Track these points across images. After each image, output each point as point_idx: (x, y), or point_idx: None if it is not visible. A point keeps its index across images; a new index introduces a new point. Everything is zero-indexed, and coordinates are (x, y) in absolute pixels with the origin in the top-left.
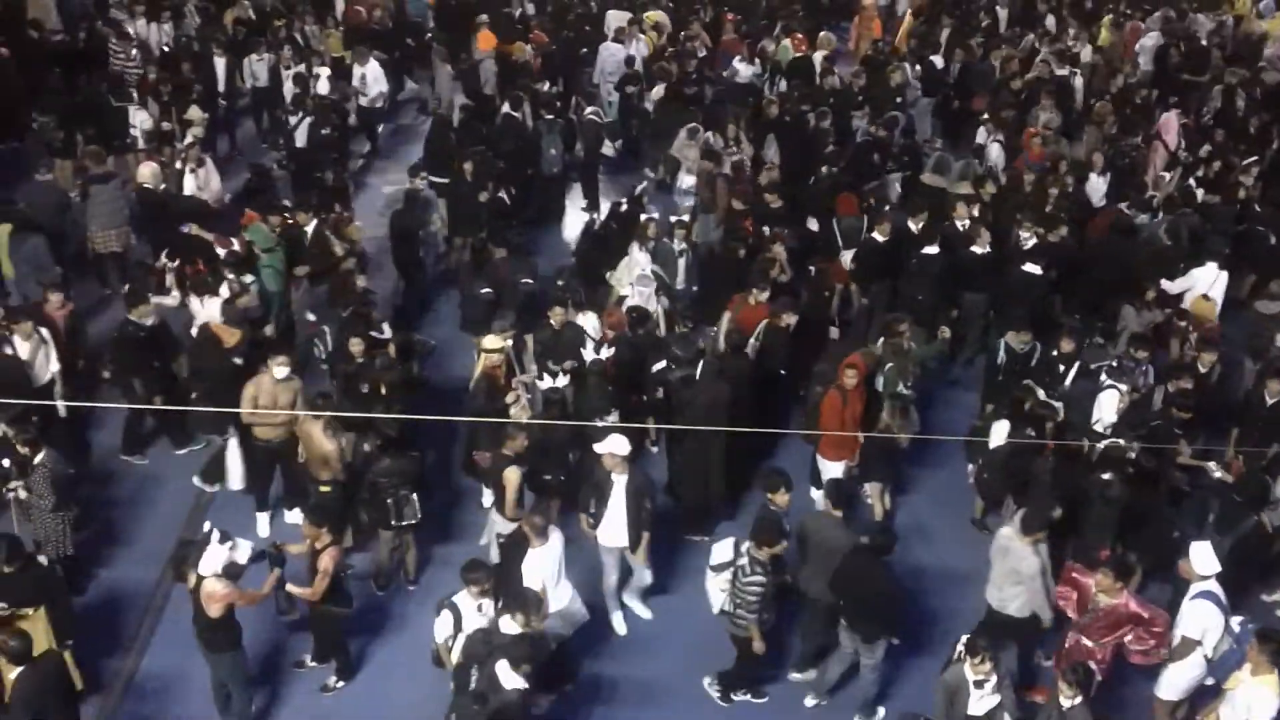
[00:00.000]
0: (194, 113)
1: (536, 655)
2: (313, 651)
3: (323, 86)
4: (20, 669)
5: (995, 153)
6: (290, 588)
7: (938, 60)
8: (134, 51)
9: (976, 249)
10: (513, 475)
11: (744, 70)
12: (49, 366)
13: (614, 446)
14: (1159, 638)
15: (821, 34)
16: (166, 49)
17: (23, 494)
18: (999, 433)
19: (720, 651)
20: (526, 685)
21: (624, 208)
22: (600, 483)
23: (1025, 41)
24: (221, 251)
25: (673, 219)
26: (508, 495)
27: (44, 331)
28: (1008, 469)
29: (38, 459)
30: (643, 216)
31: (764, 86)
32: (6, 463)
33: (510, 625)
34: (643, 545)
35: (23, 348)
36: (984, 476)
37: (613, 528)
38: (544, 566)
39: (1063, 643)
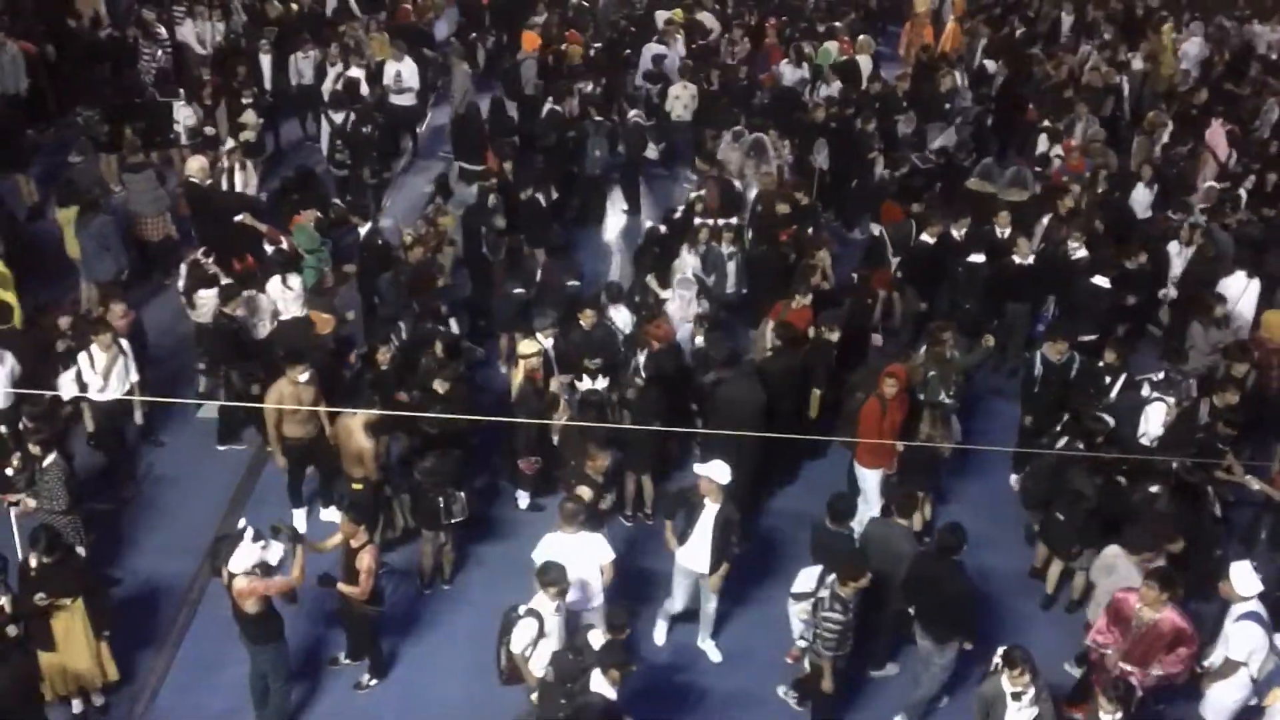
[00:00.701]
0: (249, 117)
1: (630, 665)
2: (346, 649)
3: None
4: None
5: (1060, 165)
6: (341, 586)
7: (990, 64)
8: (160, 53)
9: (1017, 258)
10: (585, 493)
11: (789, 74)
12: (127, 378)
13: (714, 472)
14: (1189, 658)
15: (861, 37)
16: (219, 47)
17: (31, 502)
18: (1061, 444)
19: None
20: (614, 696)
21: (679, 214)
22: (692, 503)
23: (1082, 52)
24: (269, 248)
25: (721, 223)
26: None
27: (124, 344)
28: (1052, 479)
29: (47, 461)
30: (696, 220)
31: (805, 90)
32: (10, 471)
33: (600, 641)
34: (718, 575)
35: (100, 358)
36: (1028, 485)
37: (694, 551)
38: (557, 553)
39: (1101, 667)
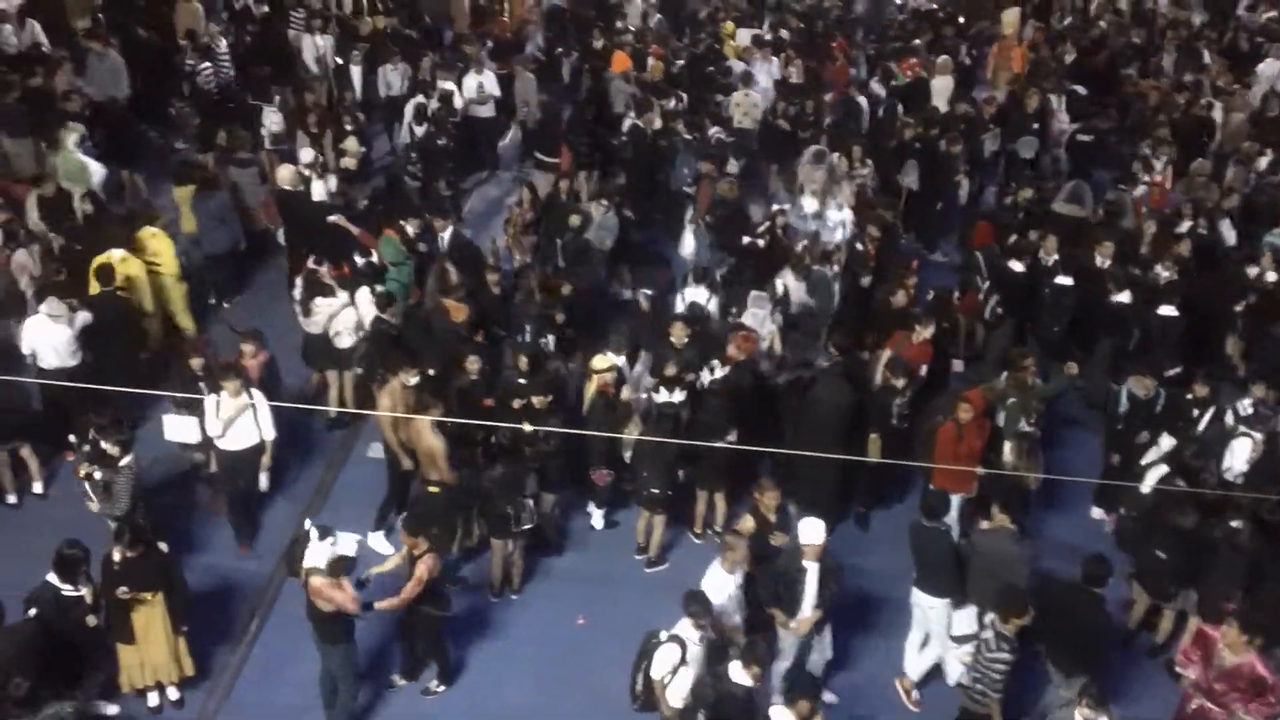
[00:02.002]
0: (350, 144)
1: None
2: (403, 666)
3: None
4: None
5: (1140, 192)
6: (379, 604)
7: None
8: (205, 64)
9: (1113, 295)
10: (747, 525)
11: (875, 91)
12: (257, 432)
13: (813, 536)
14: (1272, 709)
15: (941, 58)
16: (339, 62)
17: (94, 506)
18: (1152, 478)
19: None
20: None
21: (763, 228)
22: (793, 576)
23: (1186, 78)
24: (360, 260)
25: (833, 245)
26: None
27: (257, 394)
28: (1151, 518)
29: (123, 462)
30: (799, 245)
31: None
32: (90, 474)
33: (741, 674)
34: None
35: (227, 405)
36: (1125, 525)
37: (806, 616)
38: (724, 587)
39: (1184, 704)
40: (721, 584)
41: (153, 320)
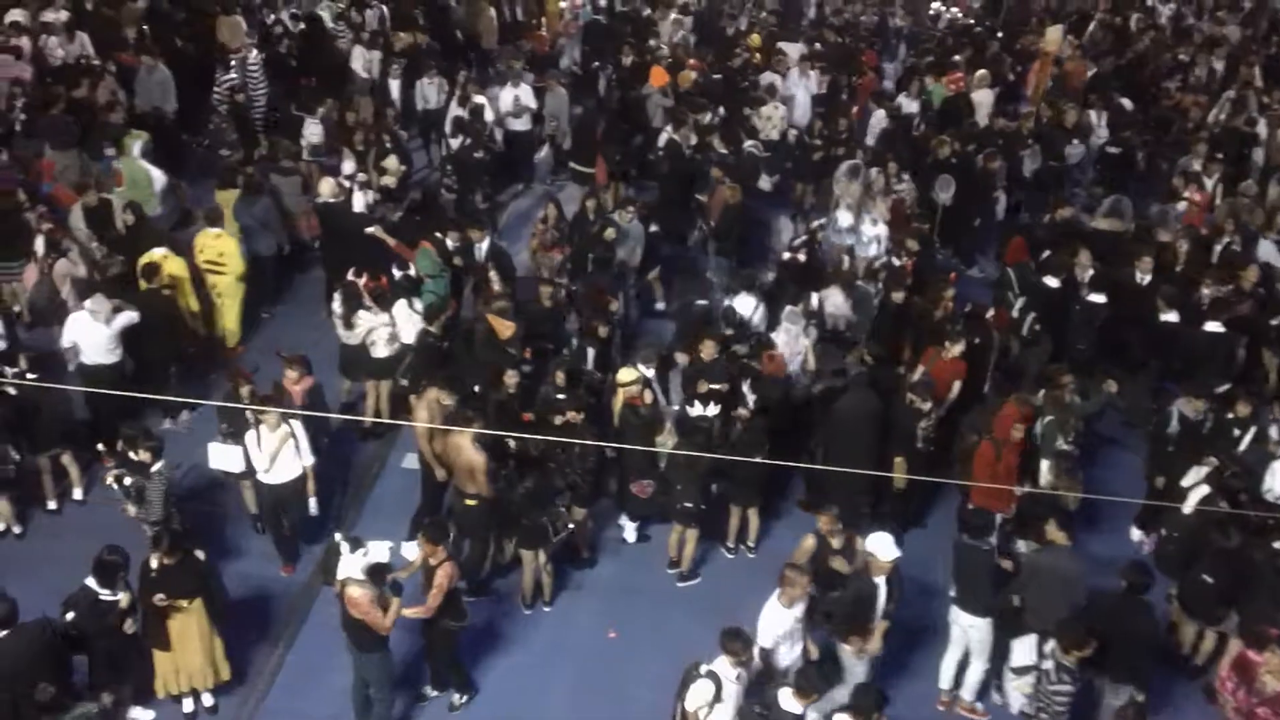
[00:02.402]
0: (390, 162)
1: None
2: (430, 677)
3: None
4: (3, 634)
5: (1182, 208)
6: (405, 611)
7: (1127, 102)
8: (229, 77)
9: (1162, 315)
10: (809, 544)
11: (907, 105)
12: (296, 462)
13: (887, 552)
14: None
15: (979, 73)
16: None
17: (131, 509)
18: (1194, 499)
19: None
20: None
21: (799, 241)
22: (865, 597)
23: (1228, 93)
24: (397, 274)
25: (879, 263)
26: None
27: (296, 427)
28: (1194, 541)
29: (155, 467)
30: (843, 261)
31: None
32: (120, 479)
33: (792, 703)
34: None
35: (268, 439)
36: (1169, 548)
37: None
38: (783, 622)
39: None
40: (780, 620)
41: (198, 319)
